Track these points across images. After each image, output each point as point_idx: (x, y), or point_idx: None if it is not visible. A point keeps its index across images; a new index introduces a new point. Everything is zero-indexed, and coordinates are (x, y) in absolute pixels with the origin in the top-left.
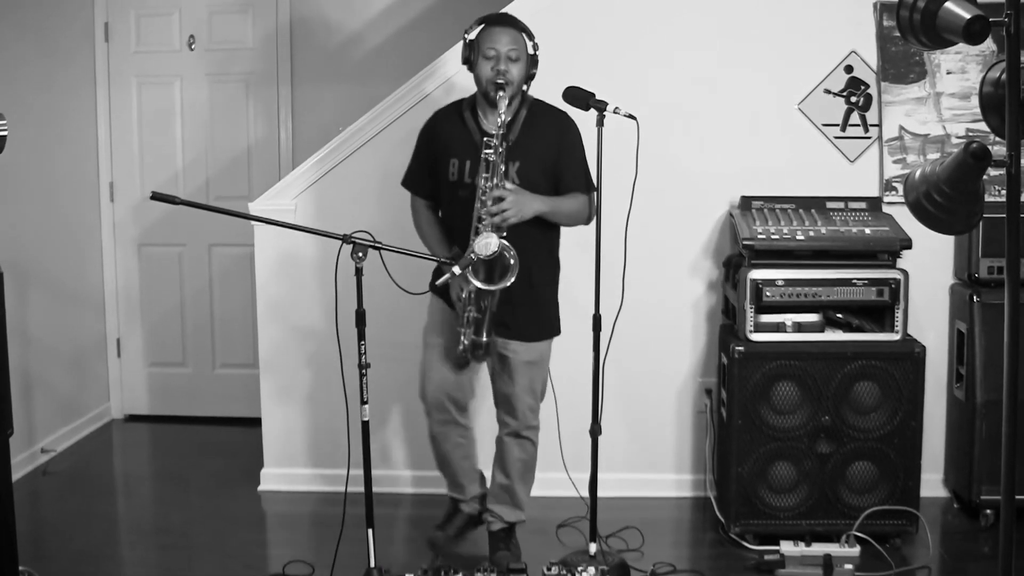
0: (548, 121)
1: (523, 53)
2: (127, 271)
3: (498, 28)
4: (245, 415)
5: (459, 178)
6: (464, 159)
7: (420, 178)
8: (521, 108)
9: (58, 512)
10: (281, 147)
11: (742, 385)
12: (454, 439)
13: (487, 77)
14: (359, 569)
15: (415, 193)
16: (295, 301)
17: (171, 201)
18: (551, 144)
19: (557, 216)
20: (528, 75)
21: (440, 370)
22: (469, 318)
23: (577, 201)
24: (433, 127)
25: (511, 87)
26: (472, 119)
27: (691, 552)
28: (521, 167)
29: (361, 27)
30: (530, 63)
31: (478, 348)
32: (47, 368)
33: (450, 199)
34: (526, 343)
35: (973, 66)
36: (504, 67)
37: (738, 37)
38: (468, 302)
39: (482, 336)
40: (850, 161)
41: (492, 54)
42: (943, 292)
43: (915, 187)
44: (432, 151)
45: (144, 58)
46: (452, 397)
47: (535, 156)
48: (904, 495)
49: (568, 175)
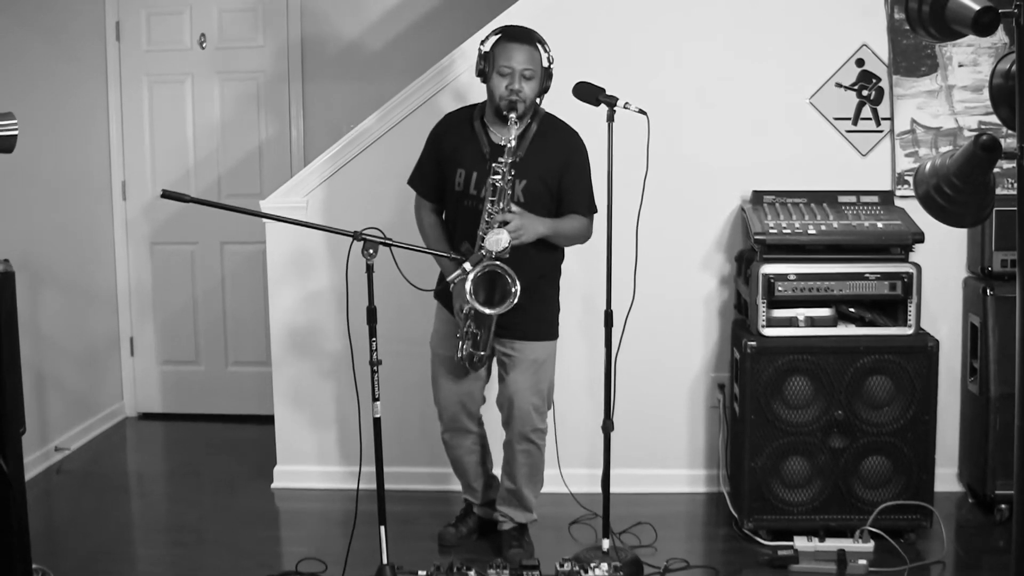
0: (558, 138)
1: (538, 70)
2: (139, 269)
3: (514, 44)
4: (258, 412)
5: (464, 188)
6: (471, 170)
7: (426, 180)
8: (532, 122)
9: (71, 510)
10: (292, 145)
11: (755, 380)
12: (467, 445)
13: (500, 94)
14: (372, 566)
15: (421, 194)
16: (307, 298)
17: (183, 199)
18: (558, 162)
19: (558, 239)
20: (542, 89)
21: (448, 380)
22: (468, 331)
23: (578, 223)
24: (443, 133)
25: (523, 105)
26: (482, 129)
27: (704, 547)
28: (528, 185)
29: (371, 24)
30: (544, 77)
31: (474, 359)
32: (60, 366)
33: (455, 207)
34: (530, 342)
35: (985, 59)
36: (518, 86)
37: (748, 31)
38: (469, 316)
39: (479, 350)
40: (862, 155)
41: (507, 71)
42: (956, 286)
43: (925, 180)
44: (439, 157)
45: (155, 57)
46: (463, 405)
47: (541, 174)
48: (918, 490)
49: (571, 195)
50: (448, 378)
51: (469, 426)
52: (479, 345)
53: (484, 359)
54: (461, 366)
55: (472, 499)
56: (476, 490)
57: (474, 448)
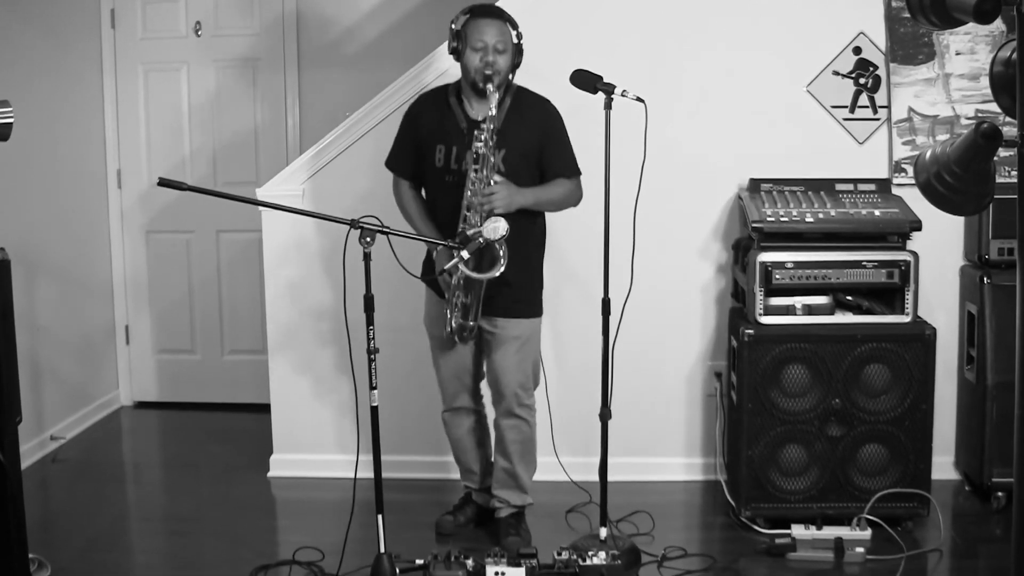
0: (532, 109)
1: (509, 44)
2: (135, 258)
3: (485, 20)
4: (254, 401)
5: (445, 164)
6: (451, 145)
7: (404, 160)
8: (506, 96)
9: (68, 499)
10: (288, 133)
11: (752, 368)
12: (467, 425)
13: (475, 68)
14: (369, 555)
15: (399, 174)
16: (303, 286)
17: (179, 187)
18: (536, 131)
19: (543, 206)
20: (513, 64)
21: (443, 357)
22: (457, 303)
23: (563, 187)
24: (418, 112)
25: (499, 77)
26: (458, 105)
27: (702, 536)
28: (507, 155)
29: (368, 12)
30: (515, 52)
31: (464, 331)
32: (56, 356)
33: (436, 184)
34: (513, 319)
35: (982, 47)
36: (492, 59)
37: (745, 19)
38: (457, 287)
39: (468, 320)
40: (859, 143)
41: (480, 46)
42: (953, 274)
43: (925, 168)
44: (416, 135)
45: (150, 44)
46: (460, 379)
47: (520, 144)
48: (915, 478)
49: (554, 161)
50: (443, 355)
51: (468, 403)
52: (468, 315)
53: (473, 330)
54: (450, 339)
55: (471, 484)
56: (475, 473)
57: (474, 428)
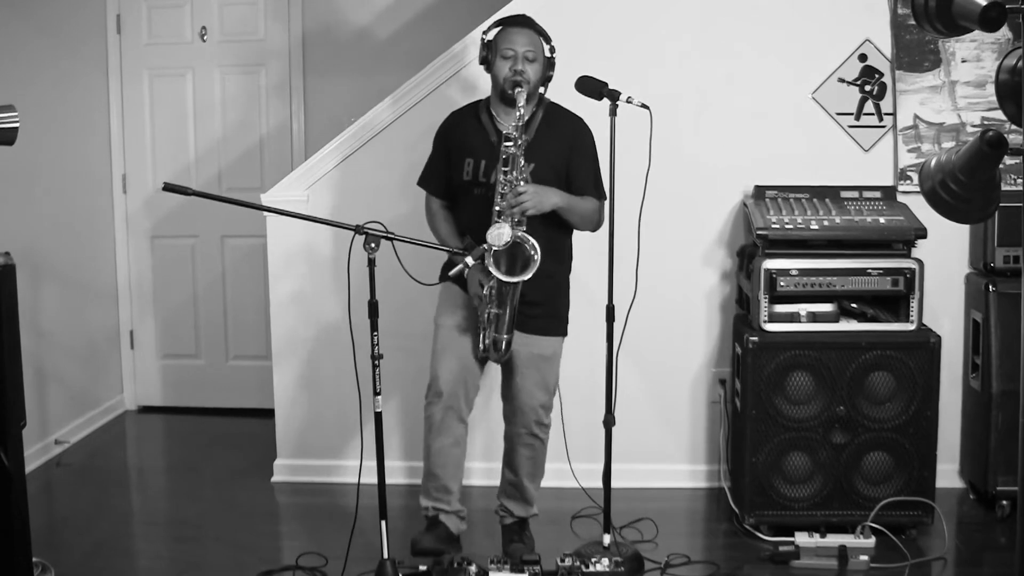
0: (563, 124)
1: (540, 54)
2: (140, 263)
3: (515, 29)
4: (258, 406)
5: (474, 177)
6: (480, 158)
7: (436, 178)
8: (537, 110)
9: (71, 503)
10: (293, 138)
11: (756, 375)
12: (456, 434)
13: (504, 76)
14: (372, 561)
15: (431, 192)
16: (308, 292)
17: (184, 192)
18: (565, 146)
19: (572, 214)
20: (544, 77)
21: (452, 353)
22: (491, 315)
23: (590, 204)
24: (449, 127)
25: (528, 85)
26: (488, 119)
27: (705, 543)
28: (536, 169)
29: (373, 17)
30: (546, 65)
31: (499, 344)
32: (60, 360)
33: (465, 197)
34: (538, 337)
35: (988, 54)
36: (521, 67)
37: (751, 25)
38: (489, 299)
39: (503, 333)
40: (864, 150)
41: (510, 54)
42: (958, 281)
43: (931, 176)
44: (448, 150)
45: (156, 50)
46: (464, 383)
47: (549, 158)
48: (919, 486)
49: (580, 178)
50: (453, 350)
51: (463, 412)
52: (501, 328)
53: (509, 344)
54: (484, 357)
55: (442, 506)
56: (451, 493)
57: (459, 443)
